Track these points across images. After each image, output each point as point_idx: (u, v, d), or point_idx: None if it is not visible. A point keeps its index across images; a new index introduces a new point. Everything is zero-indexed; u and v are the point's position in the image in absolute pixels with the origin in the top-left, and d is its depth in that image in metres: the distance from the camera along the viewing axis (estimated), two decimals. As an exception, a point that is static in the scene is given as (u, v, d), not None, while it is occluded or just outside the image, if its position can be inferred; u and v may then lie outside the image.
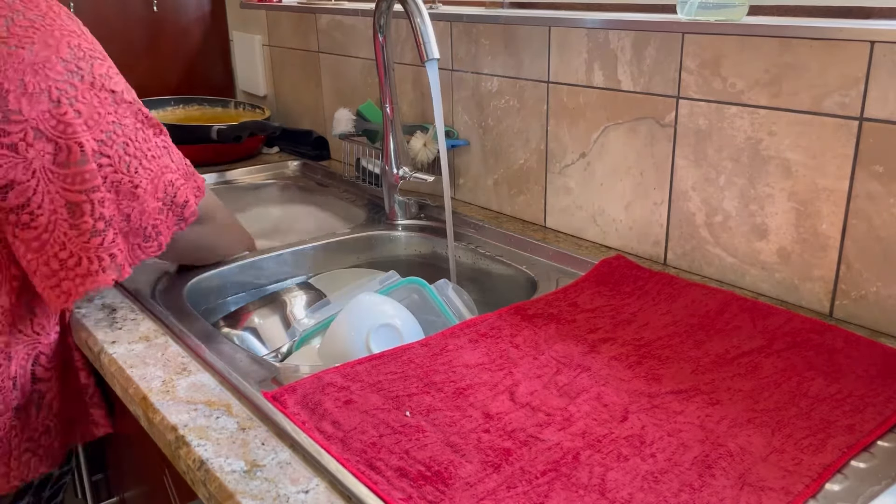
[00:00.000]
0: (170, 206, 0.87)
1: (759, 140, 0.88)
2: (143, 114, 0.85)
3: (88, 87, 0.79)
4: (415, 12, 0.98)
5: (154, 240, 0.86)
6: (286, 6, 1.68)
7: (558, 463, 0.59)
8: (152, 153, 0.85)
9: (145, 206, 0.84)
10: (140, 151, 0.83)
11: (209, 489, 0.59)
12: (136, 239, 0.85)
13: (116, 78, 0.84)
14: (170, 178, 0.87)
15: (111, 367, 0.77)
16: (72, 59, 0.78)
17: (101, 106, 0.80)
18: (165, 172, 0.86)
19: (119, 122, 0.82)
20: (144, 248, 0.86)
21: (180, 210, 0.88)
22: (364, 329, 0.83)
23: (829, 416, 0.65)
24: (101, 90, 0.80)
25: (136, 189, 0.82)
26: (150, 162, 0.84)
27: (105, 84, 0.81)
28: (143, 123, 0.85)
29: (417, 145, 1.24)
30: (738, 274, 0.93)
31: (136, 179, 0.82)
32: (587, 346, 0.78)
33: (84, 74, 0.79)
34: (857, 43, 0.77)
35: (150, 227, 0.85)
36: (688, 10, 0.90)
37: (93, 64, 0.81)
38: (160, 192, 0.85)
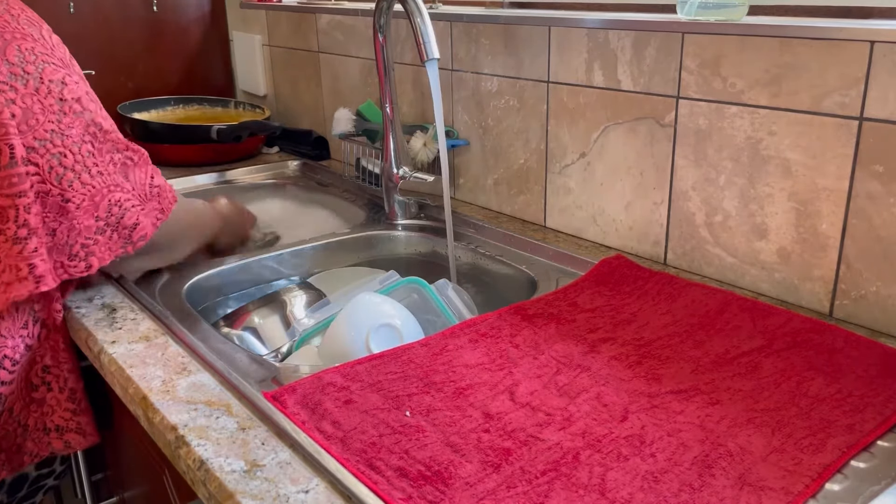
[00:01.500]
0: (113, 227, 0.83)
1: (759, 140, 0.88)
2: (97, 127, 0.82)
3: (32, 91, 0.78)
4: (415, 12, 0.98)
5: (82, 260, 0.82)
6: (286, 6, 1.68)
7: (558, 463, 0.59)
8: (98, 169, 0.82)
9: (75, 224, 0.80)
10: (80, 165, 0.80)
11: (209, 489, 0.59)
12: (61, 256, 0.81)
13: (74, 87, 0.81)
14: (117, 198, 0.83)
15: (111, 367, 0.77)
16: (18, 63, 0.78)
17: (41, 112, 0.78)
18: (113, 191, 0.83)
19: (60, 131, 0.79)
20: (68, 266, 0.82)
21: (128, 232, 0.84)
22: (364, 329, 0.83)
23: (829, 416, 0.65)
24: (46, 96, 0.79)
25: (66, 203, 0.79)
26: (93, 178, 0.81)
27: (54, 90, 0.79)
28: (94, 137, 0.82)
29: (417, 145, 1.24)
30: (738, 274, 0.93)
31: (69, 194, 0.79)
32: (587, 345, 0.78)
33: (29, 79, 0.78)
34: (857, 43, 0.77)
35: (77, 245, 0.81)
36: (688, 10, 0.90)
37: (43, 69, 0.79)
38: (101, 210, 0.82)
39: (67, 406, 0.90)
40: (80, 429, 0.92)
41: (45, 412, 0.90)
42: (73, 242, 0.81)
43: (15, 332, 0.85)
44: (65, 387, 0.90)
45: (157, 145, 1.54)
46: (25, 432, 0.90)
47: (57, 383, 0.90)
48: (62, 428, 0.91)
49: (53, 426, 0.91)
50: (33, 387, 0.89)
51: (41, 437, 0.91)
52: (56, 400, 0.90)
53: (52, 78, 0.80)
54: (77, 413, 0.91)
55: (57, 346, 0.89)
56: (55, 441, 0.91)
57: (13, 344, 0.85)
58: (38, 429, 0.90)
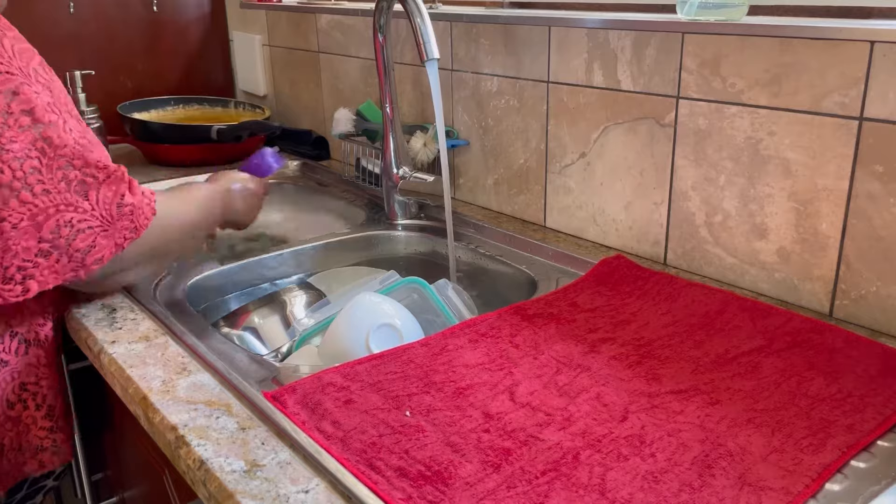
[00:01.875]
0: (62, 250, 0.77)
1: (759, 140, 0.88)
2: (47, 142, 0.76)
3: None
4: (415, 12, 0.98)
5: (18, 283, 0.76)
6: (286, 6, 1.68)
7: (558, 463, 0.59)
8: (45, 187, 0.76)
9: (10, 244, 0.75)
10: (20, 182, 0.74)
11: (209, 489, 0.59)
12: None
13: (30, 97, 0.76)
14: (68, 218, 0.77)
15: (111, 367, 0.77)
16: None
17: None
18: (64, 211, 0.77)
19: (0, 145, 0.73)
20: (2, 290, 0.76)
21: (80, 255, 0.78)
22: (364, 329, 0.83)
23: (829, 416, 0.65)
24: None
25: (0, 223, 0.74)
26: (37, 196, 0.75)
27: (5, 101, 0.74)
28: (41, 153, 0.76)
29: (417, 145, 1.24)
30: (738, 274, 0.93)
31: (3, 213, 0.74)
32: (587, 345, 0.78)
33: None
34: (857, 43, 0.77)
35: (13, 267, 0.76)
36: (688, 10, 0.90)
37: None
38: (45, 231, 0.76)
39: (43, 424, 0.88)
40: (55, 446, 0.89)
41: (20, 431, 0.87)
42: (7, 265, 0.75)
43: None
44: (42, 404, 0.88)
45: (157, 145, 1.54)
46: (1, 453, 0.87)
47: (34, 401, 0.87)
48: (38, 447, 0.88)
49: (28, 445, 0.88)
50: (9, 405, 0.86)
51: (16, 458, 0.88)
52: (32, 418, 0.87)
53: (0, 88, 0.74)
54: (53, 430, 0.89)
55: (38, 363, 0.87)
56: (30, 461, 0.89)
57: None
58: (13, 448, 0.88)
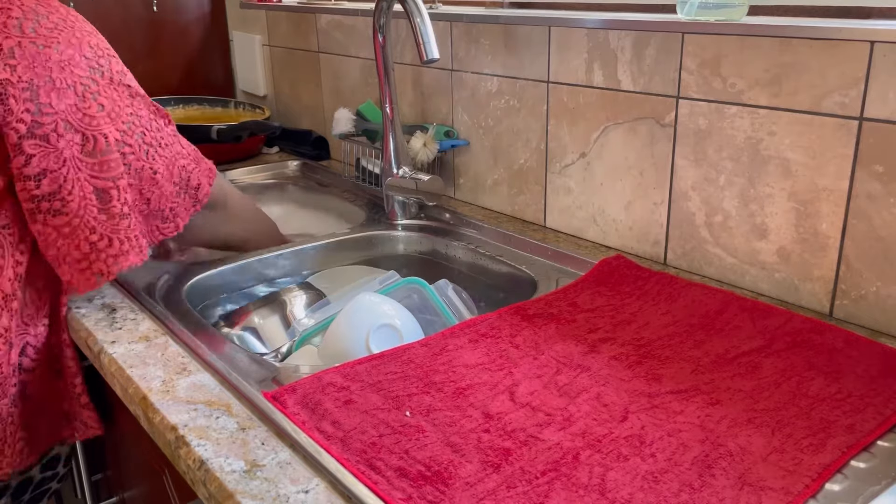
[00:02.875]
0: (185, 189, 0.94)
1: (759, 140, 0.88)
2: (154, 105, 0.92)
3: (108, 82, 0.86)
4: (415, 12, 0.98)
5: (171, 221, 0.94)
6: (286, 6, 1.68)
7: (558, 463, 0.59)
8: (166, 141, 0.91)
9: (163, 191, 0.91)
10: (155, 140, 0.90)
11: (209, 489, 0.59)
12: (156, 221, 0.91)
13: (129, 74, 0.90)
14: (182, 164, 0.93)
15: (111, 367, 0.77)
16: (93, 57, 0.85)
17: (119, 100, 0.86)
18: (178, 158, 0.93)
19: (136, 113, 0.88)
20: (162, 228, 0.93)
21: (195, 192, 0.95)
22: (364, 329, 0.83)
23: (829, 416, 0.65)
24: (118, 85, 0.87)
25: (155, 175, 0.89)
26: (165, 149, 0.91)
27: (121, 80, 0.88)
28: (155, 115, 0.91)
29: (417, 145, 1.24)
30: (738, 274, 0.93)
31: (155, 166, 0.89)
32: (587, 346, 0.78)
33: (104, 71, 0.86)
34: (857, 43, 0.77)
35: (167, 209, 0.92)
36: (688, 10, 0.90)
37: (110, 61, 0.87)
38: (175, 176, 0.92)
39: (72, 396, 0.93)
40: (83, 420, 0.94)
41: (57, 398, 0.93)
42: (163, 207, 0.92)
43: (38, 321, 0.88)
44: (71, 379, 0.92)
45: (157, 145, 1.54)
46: (44, 418, 0.92)
47: (66, 372, 0.92)
48: (70, 416, 0.94)
49: (63, 413, 0.93)
50: (55, 373, 0.92)
51: (57, 424, 0.93)
52: (66, 386, 0.92)
53: (116, 69, 0.88)
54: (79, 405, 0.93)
55: (61, 342, 0.91)
56: (65, 428, 0.94)
57: (35, 332, 0.88)
58: (55, 413, 0.93)
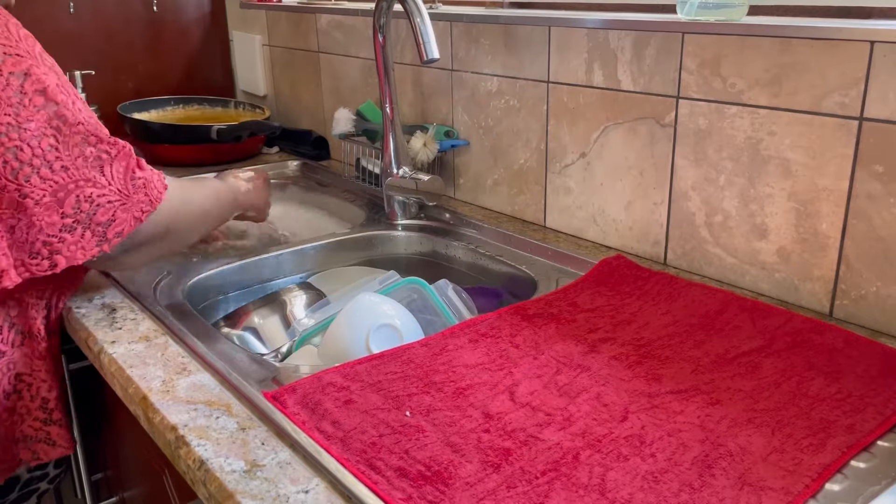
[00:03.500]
0: (85, 225, 0.79)
1: (759, 140, 0.88)
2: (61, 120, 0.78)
3: None
4: (415, 12, 0.98)
5: (45, 258, 0.78)
6: (286, 6, 1.68)
7: (558, 463, 0.59)
8: (63, 164, 0.78)
9: (35, 220, 0.77)
10: (39, 160, 0.76)
11: (209, 489, 0.59)
12: (21, 254, 0.78)
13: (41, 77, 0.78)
14: (88, 193, 0.79)
15: (111, 367, 0.77)
16: None
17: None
18: (84, 187, 0.79)
19: (18, 124, 0.76)
20: (29, 265, 0.78)
21: (101, 230, 0.80)
22: (364, 329, 0.83)
23: (829, 416, 0.65)
24: (4, 88, 0.75)
25: (23, 199, 0.76)
26: (55, 173, 0.77)
27: (13, 83, 0.76)
28: (57, 130, 0.78)
29: (417, 145, 1.24)
30: (738, 274, 0.93)
31: (26, 189, 0.76)
32: (587, 345, 0.78)
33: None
34: (857, 43, 0.77)
35: (38, 242, 0.78)
36: (688, 10, 0.90)
37: (3, 60, 0.76)
38: (67, 207, 0.78)
39: (37, 415, 0.88)
40: (48, 439, 0.89)
41: (14, 421, 0.88)
42: (33, 240, 0.77)
43: None
44: (36, 395, 0.88)
45: (157, 145, 1.54)
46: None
47: (28, 392, 0.87)
48: (30, 438, 0.89)
49: (22, 436, 0.88)
50: (5, 395, 0.86)
51: (10, 448, 0.89)
52: (26, 409, 0.88)
53: (13, 70, 0.76)
54: (47, 423, 0.89)
55: (32, 354, 0.87)
56: (23, 451, 0.89)
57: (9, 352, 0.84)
58: (7, 439, 0.88)
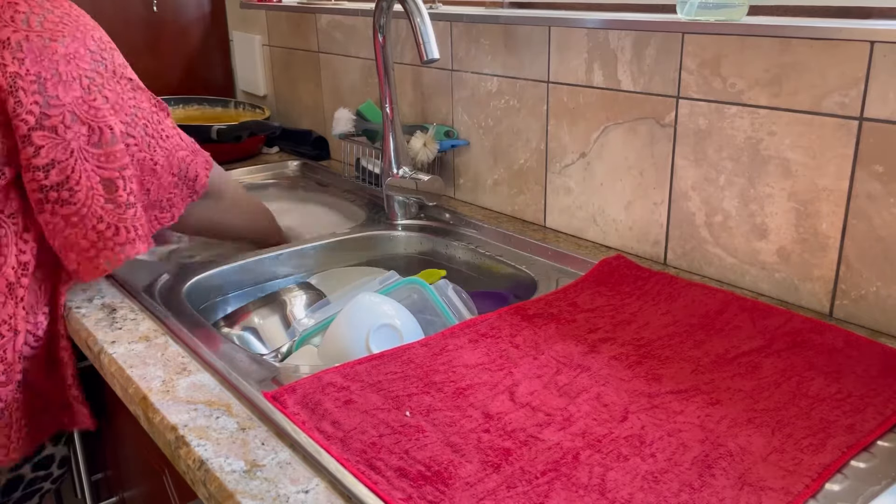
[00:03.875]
0: (183, 180, 0.96)
1: (759, 140, 0.88)
2: (154, 98, 0.95)
3: (111, 75, 0.88)
4: (415, 12, 0.98)
5: (168, 210, 0.96)
6: (286, 6, 1.68)
7: (558, 463, 0.59)
8: (166, 133, 0.94)
9: (162, 181, 0.93)
10: (156, 132, 0.92)
11: (209, 489, 0.59)
12: (154, 210, 0.94)
13: (129, 67, 0.93)
14: (181, 155, 0.96)
15: (111, 367, 0.77)
16: (96, 51, 0.87)
17: (122, 92, 0.89)
18: (177, 150, 0.95)
19: (138, 106, 0.90)
20: (160, 218, 0.95)
21: (192, 183, 0.98)
22: (364, 329, 0.83)
23: (829, 416, 0.65)
24: (121, 78, 0.89)
25: (155, 166, 0.92)
26: (165, 141, 0.93)
27: (124, 73, 0.90)
28: (156, 107, 0.94)
29: (417, 145, 1.24)
30: (738, 274, 0.93)
31: (155, 157, 0.92)
32: (587, 346, 0.78)
33: (107, 64, 0.88)
34: (857, 43, 0.77)
35: (165, 199, 0.95)
36: (688, 10, 0.90)
37: (112, 55, 0.89)
38: (174, 167, 0.95)
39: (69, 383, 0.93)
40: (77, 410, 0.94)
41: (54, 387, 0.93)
42: (161, 197, 0.94)
43: (38, 310, 0.89)
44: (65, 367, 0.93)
45: (157, 145, 1.54)
46: (44, 405, 0.93)
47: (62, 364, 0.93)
48: (65, 405, 0.94)
49: (60, 402, 0.94)
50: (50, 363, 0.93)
51: (56, 410, 0.94)
52: (62, 377, 0.93)
53: (119, 62, 0.90)
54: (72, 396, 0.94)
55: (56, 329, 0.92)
56: (64, 414, 0.95)
57: (35, 320, 0.89)
58: (53, 401, 0.94)
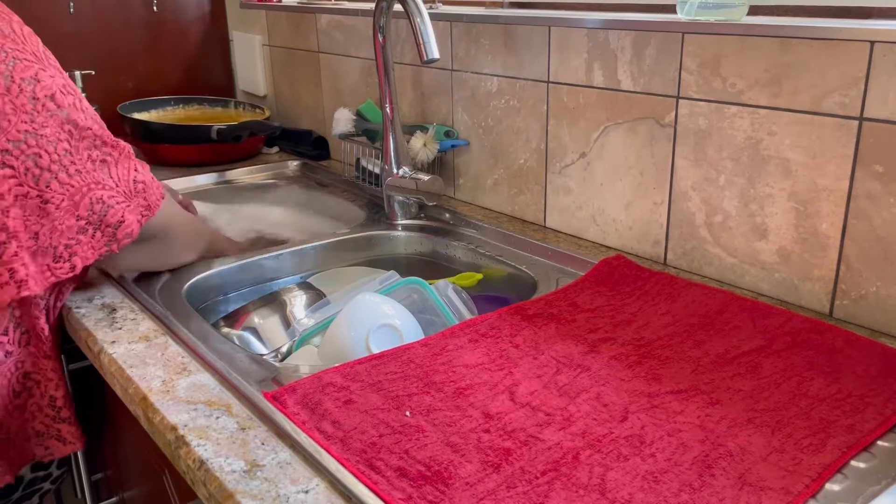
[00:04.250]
0: (96, 226, 0.82)
1: (759, 140, 0.88)
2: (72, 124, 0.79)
3: (3, 91, 0.75)
4: (415, 12, 0.98)
5: (66, 261, 0.81)
6: (286, 6, 1.68)
7: (558, 463, 0.59)
8: (76, 167, 0.80)
9: (57, 224, 0.78)
10: (56, 164, 0.78)
11: (209, 489, 0.59)
12: (46, 259, 0.79)
13: (48, 82, 0.78)
14: (99, 196, 0.81)
15: (111, 367, 0.77)
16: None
17: (13, 113, 0.75)
18: (94, 189, 0.81)
19: (34, 131, 0.76)
20: (54, 268, 0.80)
21: (111, 230, 0.83)
22: (364, 329, 0.83)
23: (829, 416, 0.65)
24: (18, 95, 0.76)
25: (45, 205, 0.77)
26: (72, 177, 0.79)
27: (25, 89, 0.76)
28: (69, 135, 0.79)
29: (417, 145, 1.24)
30: (738, 274, 0.93)
31: (47, 195, 0.77)
32: (587, 345, 0.78)
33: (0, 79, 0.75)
34: (857, 43, 0.77)
35: (61, 246, 0.80)
36: (688, 10, 0.90)
37: (14, 66, 0.76)
38: (81, 209, 0.80)
39: (47, 413, 0.89)
40: (59, 436, 0.90)
41: (26, 419, 0.89)
42: (56, 244, 0.79)
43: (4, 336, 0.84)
44: (45, 393, 0.89)
45: (157, 145, 1.54)
46: (9, 440, 0.88)
47: (38, 389, 0.88)
48: (42, 434, 0.90)
49: (34, 432, 0.90)
50: (15, 393, 0.87)
51: (23, 445, 0.90)
52: (37, 406, 0.89)
53: (24, 76, 0.77)
54: (56, 420, 0.90)
55: (38, 353, 0.87)
56: (36, 447, 0.90)
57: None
58: (20, 436, 0.89)
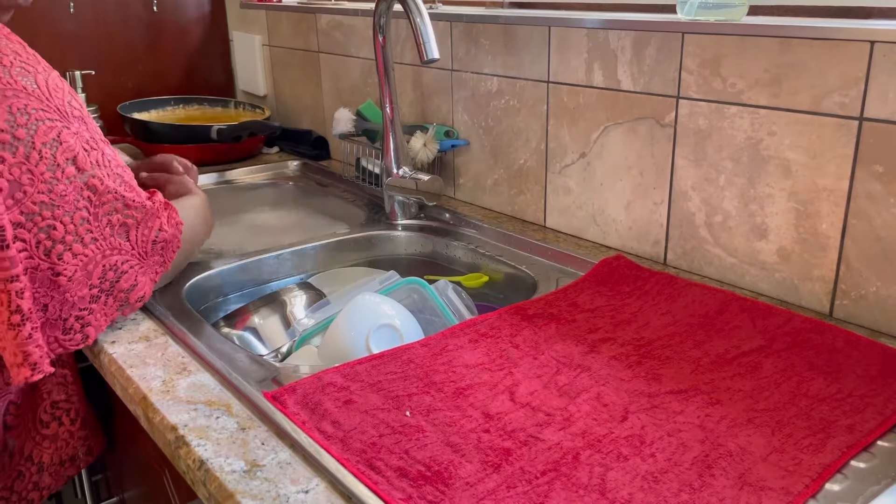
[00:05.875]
0: (108, 292, 0.78)
1: (759, 140, 0.88)
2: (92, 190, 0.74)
3: (21, 160, 0.69)
4: (415, 12, 0.98)
5: (77, 332, 0.76)
6: (286, 6, 1.68)
7: (558, 463, 0.59)
8: (93, 235, 0.75)
9: (67, 297, 0.74)
10: (72, 236, 0.73)
11: (209, 489, 0.59)
12: (55, 331, 0.74)
13: (70, 143, 0.73)
14: (113, 262, 0.77)
15: (111, 367, 0.77)
16: (8, 129, 0.69)
17: (30, 184, 0.70)
18: (109, 255, 0.76)
19: (51, 202, 0.71)
20: (63, 341, 0.75)
21: (123, 295, 0.79)
22: (364, 329, 0.83)
23: (829, 416, 0.65)
24: (37, 164, 0.70)
25: (56, 277, 0.72)
26: (87, 247, 0.74)
27: (46, 154, 0.71)
28: (88, 202, 0.74)
29: (417, 145, 1.24)
30: (738, 274, 0.93)
31: (59, 267, 0.72)
32: (587, 346, 0.78)
33: (20, 146, 0.69)
34: (857, 43, 0.77)
35: (72, 318, 0.75)
36: (688, 10, 0.90)
37: (36, 130, 0.71)
38: (95, 277, 0.76)
39: (80, 435, 0.91)
40: (89, 451, 0.93)
41: (59, 447, 0.90)
42: (66, 316, 0.75)
43: None
44: (76, 418, 0.90)
45: (157, 145, 1.54)
46: (42, 470, 0.89)
47: (68, 416, 0.89)
48: (76, 457, 0.91)
49: (68, 457, 0.91)
50: (44, 424, 0.88)
51: (58, 471, 0.91)
52: (69, 433, 0.90)
53: (46, 139, 0.71)
54: (87, 438, 0.92)
55: (66, 380, 0.88)
56: (69, 469, 0.92)
57: (15, 388, 0.85)
58: (54, 464, 0.90)
